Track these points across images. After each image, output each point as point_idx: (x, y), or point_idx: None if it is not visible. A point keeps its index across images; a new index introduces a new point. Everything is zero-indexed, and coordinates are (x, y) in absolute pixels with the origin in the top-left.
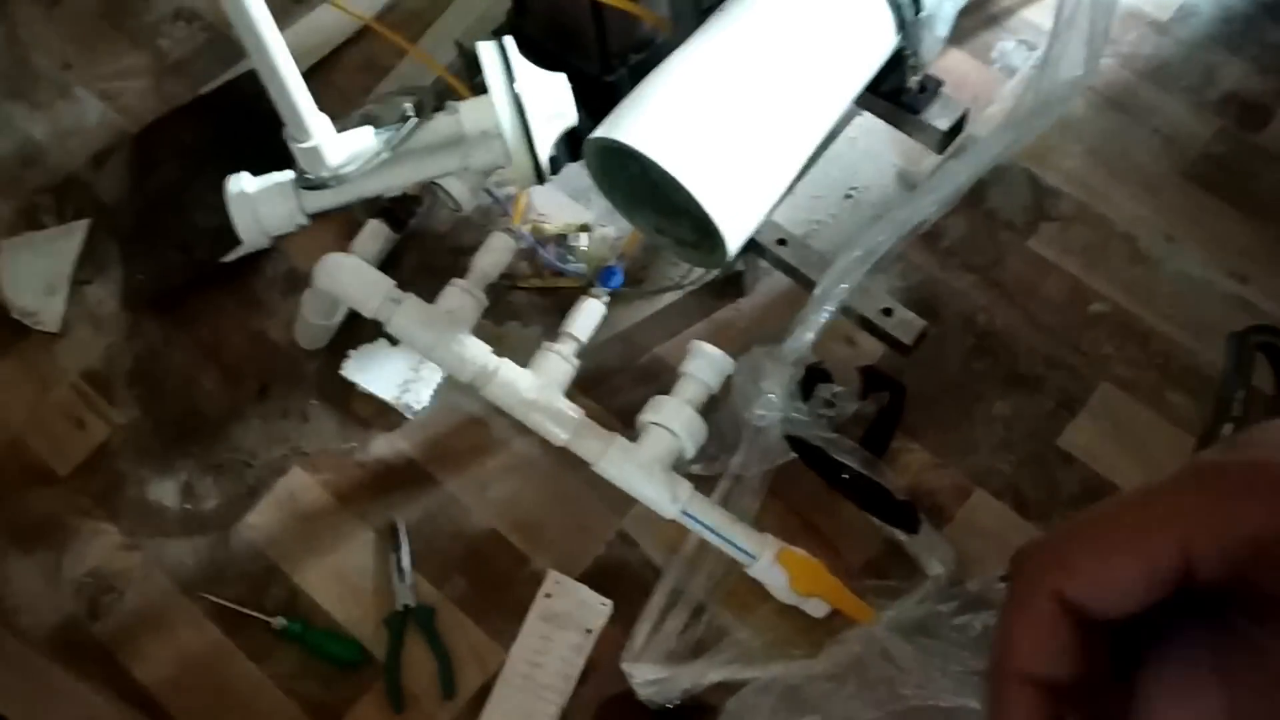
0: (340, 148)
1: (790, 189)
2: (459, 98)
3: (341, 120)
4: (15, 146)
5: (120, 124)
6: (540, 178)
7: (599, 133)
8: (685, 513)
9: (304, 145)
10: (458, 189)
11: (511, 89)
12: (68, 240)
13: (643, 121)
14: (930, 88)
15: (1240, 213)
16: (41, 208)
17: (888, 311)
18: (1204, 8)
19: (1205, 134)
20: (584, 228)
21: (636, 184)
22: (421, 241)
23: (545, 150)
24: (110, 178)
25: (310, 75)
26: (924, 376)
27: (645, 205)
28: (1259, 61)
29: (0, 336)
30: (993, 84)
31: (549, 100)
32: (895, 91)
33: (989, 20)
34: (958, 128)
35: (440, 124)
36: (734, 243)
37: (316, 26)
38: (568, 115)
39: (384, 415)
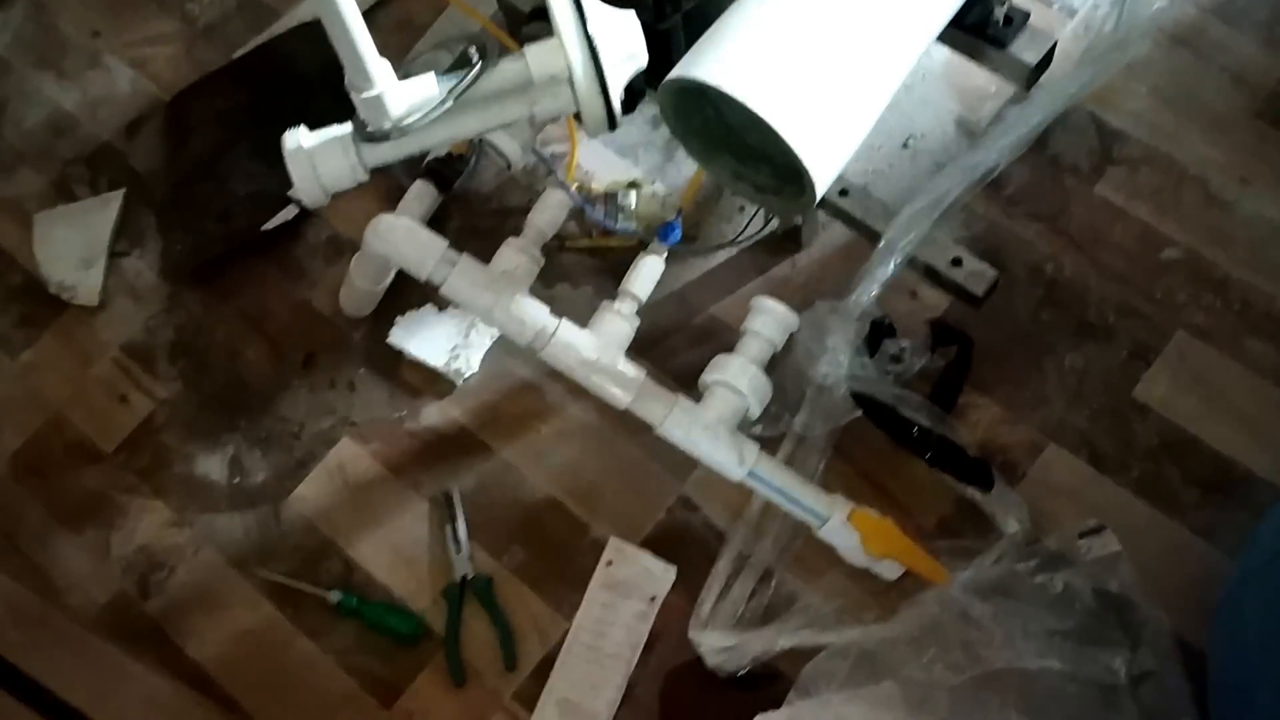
0: (403, 96)
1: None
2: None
3: (402, 67)
4: (45, 117)
5: (152, 91)
6: (613, 124)
7: (677, 72)
8: (753, 474)
9: (366, 94)
10: (509, 145)
11: (584, 30)
12: (103, 212)
13: (724, 59)
14: (1016, 19)
15: None
16: (75, 179)
17: (957, 262)
18: None
19: (1277, 71)
20: (633, 184)
21: (712, 129)
22: (466, 203)
23: (617, 95)
24: (144, 147)
25: None
26: (992, 329)
27: (722, 149)
28: None
29: (38, 312)
30: (1054, 24)
31: (621, 41)
32: (981, 24)
33: None
34: (1046, 61)
35: (506, 69)
36: (822, 185)
37: None
38: (639, 57)
39: (434, 383)
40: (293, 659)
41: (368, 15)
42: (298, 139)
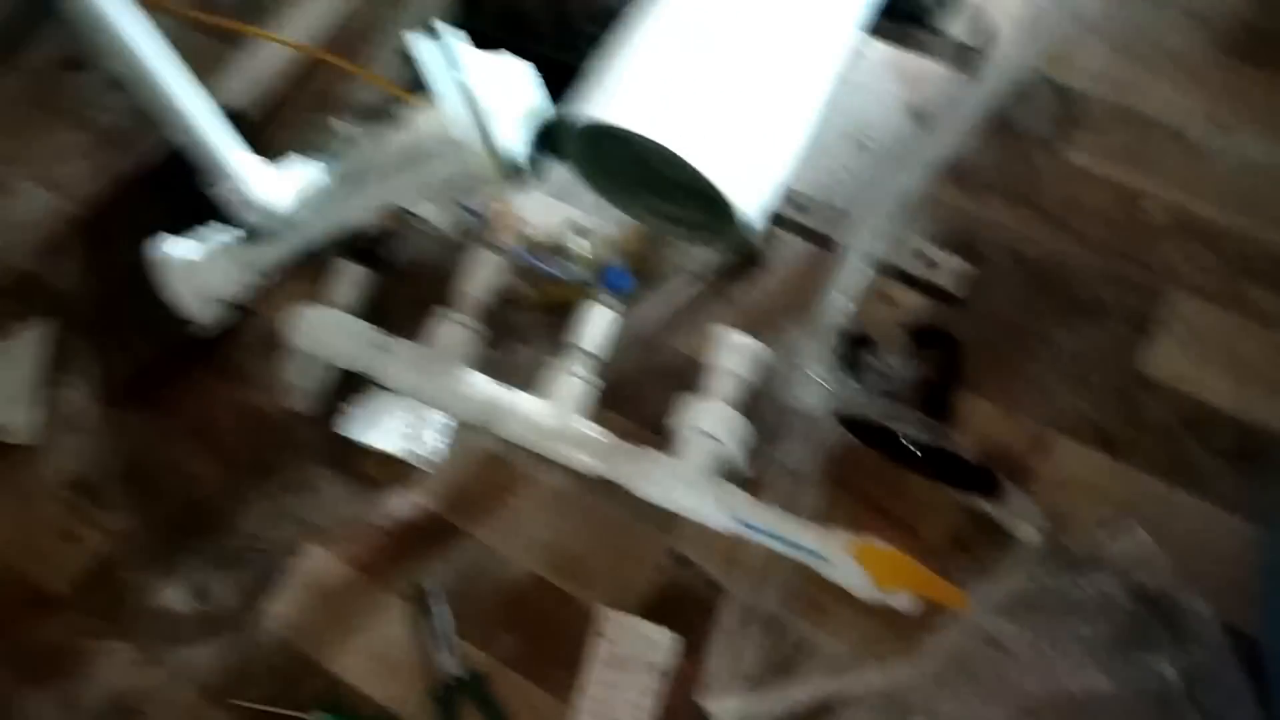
0: (283, 187)
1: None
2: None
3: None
4: None
5: (67, 209)
6: (513, 178)
7: (573, 114)
8: (742, 522)
9: (240, 194)
10: (427, 209)
11: (458, 80)
12: (29, 343)
13: (621, 94)
14: (948, 1)
15: None
16: None
17: (930, 261)
18: None
19: (1237, 3)
20: (579, 230)
21: (628, 166)
22: (407, 275)
23: (514, 146)
24: (65, 268)
25: (266, 123)
26: (976, 324)
27: (642, 189)
28: None
29: None
30: None
31: (506, 88)
32: (911, 10)
33: None
34: (985, 41)
35: (390, 140)
36: (752, 212)
37: (256, 69)
38: (533, 103)
39: (395, 469)
40: None
41: (285, 97)
42: (166, 249)
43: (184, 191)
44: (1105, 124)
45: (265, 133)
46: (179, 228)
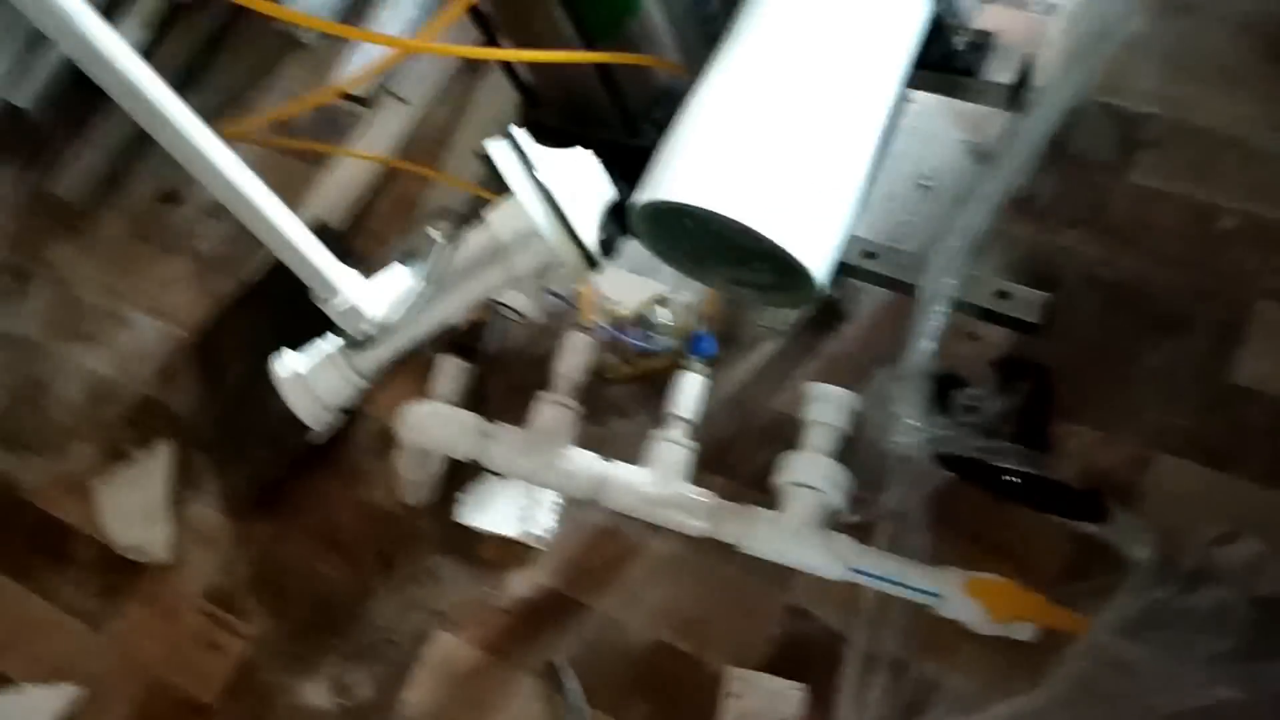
0: (375, 296)
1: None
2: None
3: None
4: (84, 386)
5: (177, 334)
6: (593, 264)
7: (641, 197)
8: (854, 569)
9: (337, 304)
10: (516, 299)
11: (534, 179)
12: (155, 466)
13: (683, 172)
14: (982, 43)
15: None
16: (122, 439)
17: (1003, 294)
18: None
19: (1277, 9)
20: (660, 300)
21: (698, 239)
22: (503, 362)
23: (590, 234)
24: (182, 390)
25: (349, 235)
26: (1064, 351)
27: (714, 259)
28: None
29: (116, 580)
30: (1037, 26)
31: (578, 180)
32: (945, 58)
33: None
34: (1025, 78)
35: (473, 240)
36: (820, 270)
37: (338, 184)
38: (603, 190)
39: (513, 551)
40: None
41: (366, 208)
42: (287, 365)
43: (287, 305)
44: (1164, 141)
45: (353, 241)
46: (287, 341)
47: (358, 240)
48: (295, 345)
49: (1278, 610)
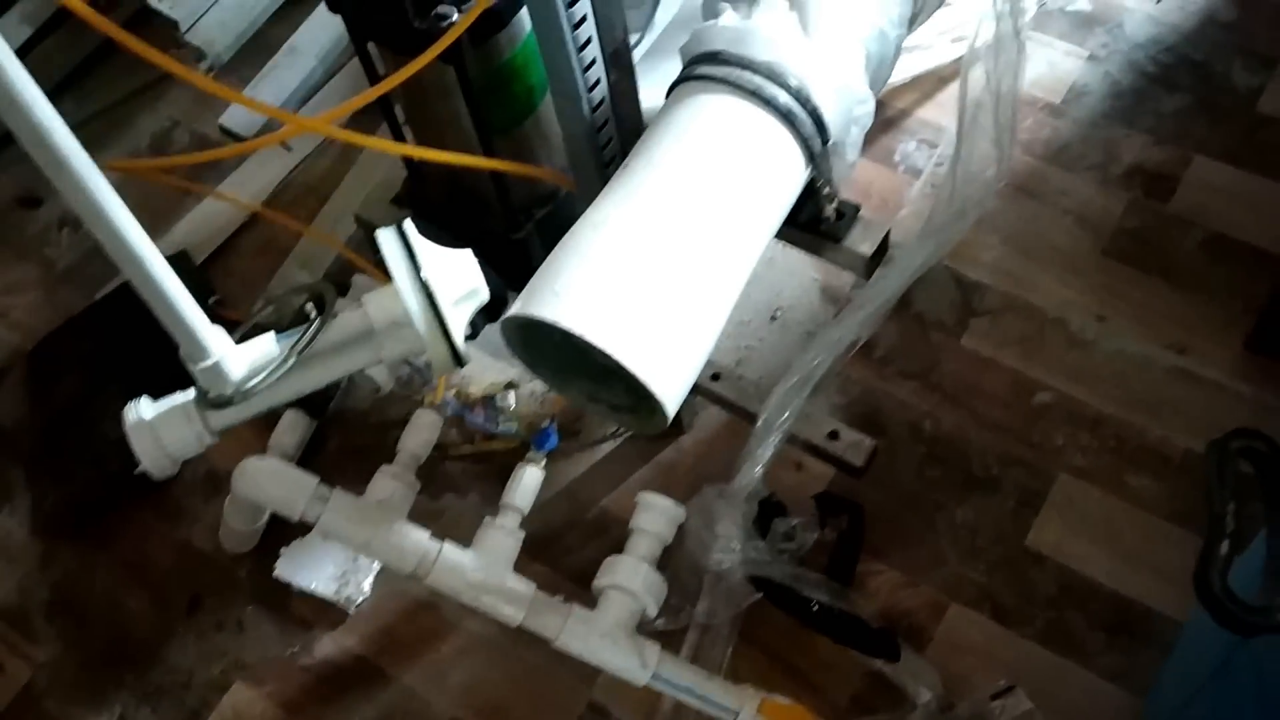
0: (242, 361)
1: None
2: (363, 274)
3: (239, 323)
4: None
5: (13, 341)
6: (460, 361)
7: (515, 311)
8: (657, 677)
9: (202, 365)
10: (377, 371)
11: (418, 277)
12: None
13: (559, 292)
14: (848, 213)
15: (1166, 283)
16: None
17: (834, 434)
18: (1094, 86)
19: (1117, 209)
20: (510, 385)
21: (563, 353)
22: (344, 422)
23: (460, 334)
24: (8, 399)
25: (208, 265)
26: (880, 493)
27: (574, 373)
28: (1156, 132)
29: None
30: (900, 187)
31: (458, 281)
32: (813, 221)
33: (886, 124)
34: (881, 250)
35: (347, 320)
36: (672, 407)
37: (208, 216)
38: (479, 293)
39: (326, 612)
40: None
41: (229, 241)
42: (138, 412)
43: (133, 330)
44: (999, 312)
45: (211, 276)
46: (127, 368)
47: (216, 275)
48: (136, 374)
49: None
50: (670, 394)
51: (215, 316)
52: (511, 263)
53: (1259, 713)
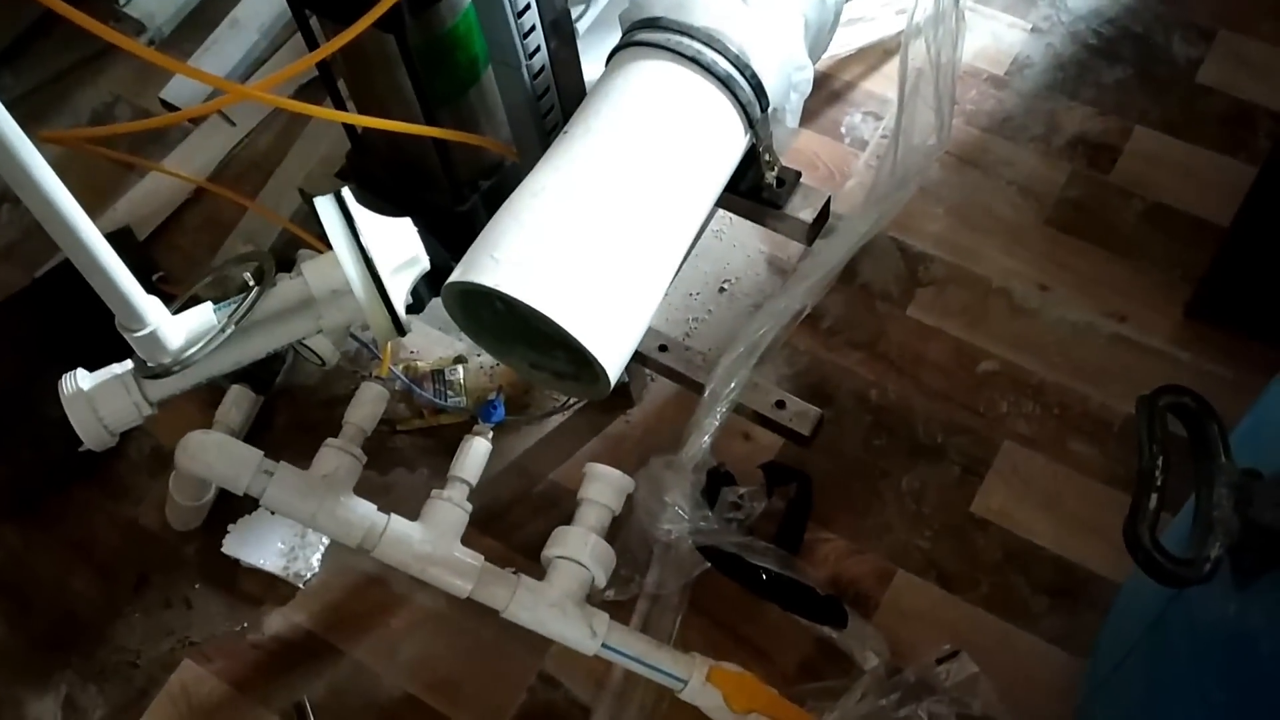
0: (179, 330)
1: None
2: (308, 248)
3: (178, 296)
4: None
5: None
6: (400, 329)
7: (455, 277)
8: (606, 646)
9: (138, 333)
10: (320, 344)
11: (356, 245)
12: None
13: (500, 259)
14: (789, 180)
15: (1108, 252)
16: None
17: (780, 404)
18: (1036, 58)
19: (1059, 179)
20: (459, 359)
21: (504, 321)
22: (291, 398)
23: (401, 302)
24: None
25: (152, 240)
26: (827, 462)
27: (516, 341)
28: (1098, 103)
29: None
30: (847, 159)
31: (397, 249)
32: (754, 189)
33: (832, 96)
34: (823, 217)
35: (286, 289)
36: (614, 371)
37: (151, 191)
38: (419, 261)
39: (274, 588)
40: None
41: (172, 217)
42: (75, 382)
43: (72, 309)
44: (944, 282)
45: (154, 252)
46: (66, 347)
47: (159, 251)
48: (78, 353)
49: None
50: (611, 359)
51: (159, 293)
52: (457, 235)
53: (1192, 666)
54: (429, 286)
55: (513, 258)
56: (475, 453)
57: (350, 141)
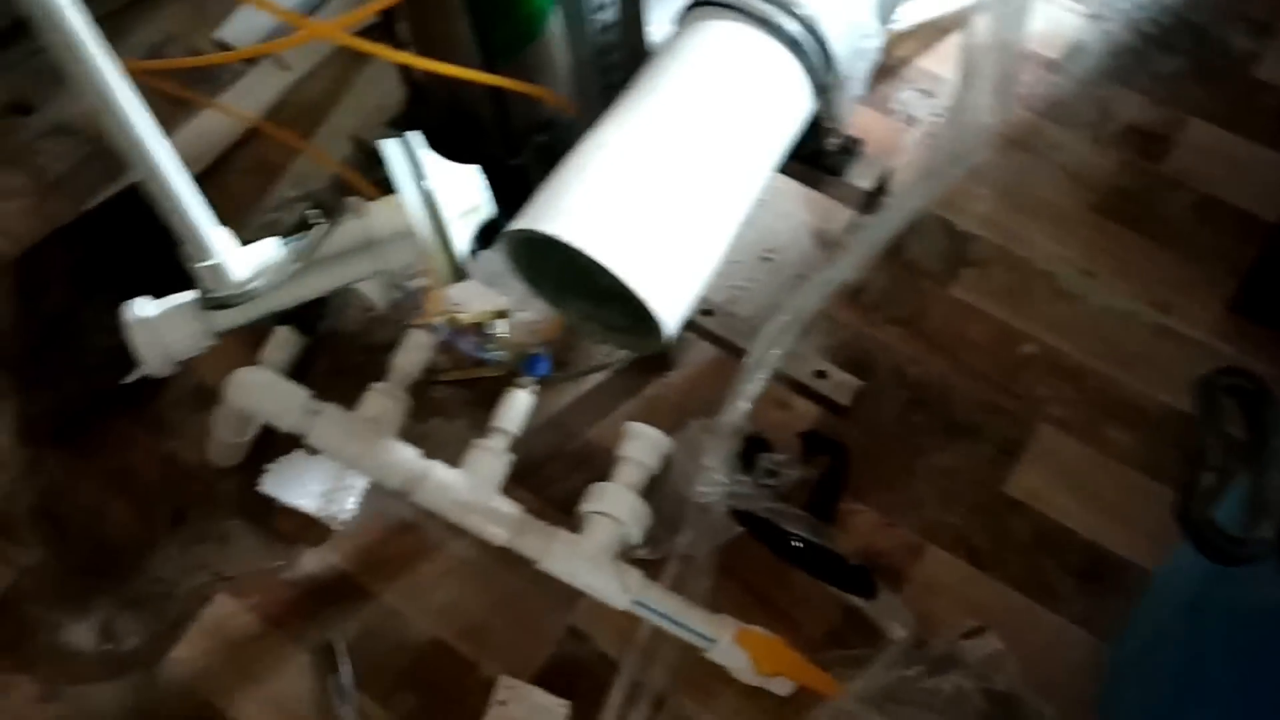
0: (245, 262)
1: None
2: (359, 195)
3: (243, 230)
4: None
5: (1, 248)
6: (460, 275)
7: (520, 224)
8: (637, 602)
9: (205, 264)
10: (372, 289)
11: (422, 188)
12: None
13: (565, 209)
14: (851, 148)
15: (1154, 242)
16: None
17: (821, 374)
18: (1092, 44)
19: (1110, 167)
20: (501, 314)
21: (562, 272)
22: (333, 342)
23: (463, 247)
24: None
25: (201, 182)
26: (863, 435)
27: (573, 292)
28: (1152, 93)
29: None
30: (897, 134)
31: (462, 195)
32: (815, 154)
33: (886, 72)
34: (881, 187)
35: (350, 229)
36: (671, 326)
37: (203, 131)
38: (482, 208)
39: (310, 529)
40: None
41: (222, 159)
42: (140, 309)
43: (123, 243)
44: (987, 263)
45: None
46: (115, 280)
47: (206, 192)
48: (126, 280)
49: (1006, 704)
50: (670, 314)
51: None
52: (508, 188)
53: (1229, 648)
54: (478, 239)
55: (579, 208)
56: (518, 404)
57: (408, 89)
